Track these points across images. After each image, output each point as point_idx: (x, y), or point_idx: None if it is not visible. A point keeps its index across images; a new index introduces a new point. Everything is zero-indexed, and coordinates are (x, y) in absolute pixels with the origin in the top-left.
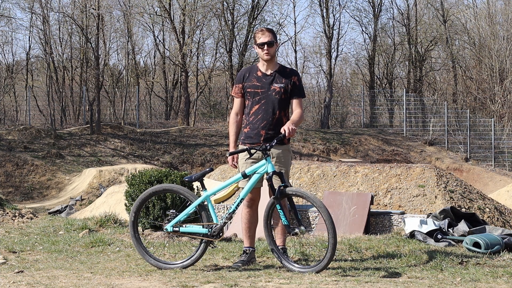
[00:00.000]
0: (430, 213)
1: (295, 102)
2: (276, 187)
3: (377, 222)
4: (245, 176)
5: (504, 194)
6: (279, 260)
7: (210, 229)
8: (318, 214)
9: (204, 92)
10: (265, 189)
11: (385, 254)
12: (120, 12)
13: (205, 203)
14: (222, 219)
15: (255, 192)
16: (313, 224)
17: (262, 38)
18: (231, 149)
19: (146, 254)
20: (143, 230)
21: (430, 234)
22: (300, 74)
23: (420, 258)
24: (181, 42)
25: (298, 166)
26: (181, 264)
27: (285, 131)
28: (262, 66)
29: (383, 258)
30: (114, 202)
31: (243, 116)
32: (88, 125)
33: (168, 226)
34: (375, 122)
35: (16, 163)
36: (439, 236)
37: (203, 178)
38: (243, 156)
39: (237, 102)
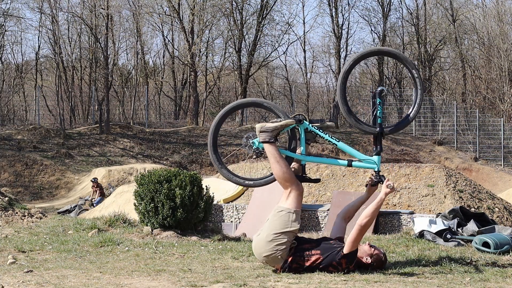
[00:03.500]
0: (439, 213)
1: None
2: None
3: (386, 221)
4: None
5: None
6: None
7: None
8: (326, 214)
9: (213, 91)
10: (269, 189)
11: (394, 254)
12: (129, 11)
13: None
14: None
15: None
16: (322, 224)
17: None
18: None
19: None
20: (152, 230)
21: (439, 233)
22: (309, 73)
23: (429, 258)
24: (190, 41)
25: (307, 166)
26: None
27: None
28: None
29: (392, 258)
30: (123, 202)
31: None
32: (97, 125)
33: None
34: (384, 121)
35: (26, 163)
36: (448, 236)
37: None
38: None
39: None
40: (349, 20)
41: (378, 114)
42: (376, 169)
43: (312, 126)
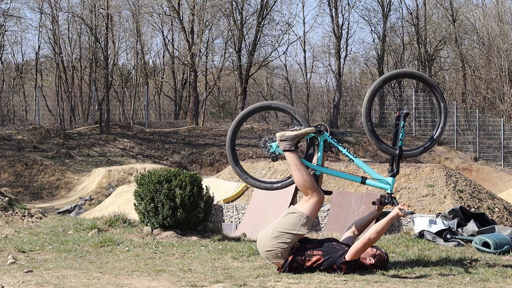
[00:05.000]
0: (439, 213)
1: None
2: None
3: None
4: None
5: None
6: None
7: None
8: (326, 214)
9: (213, 91)
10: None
11: (394, 254)
12: (129, 12)
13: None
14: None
15: None
16: (322, 224)
17: None
18: None
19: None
20: (152, 230)
21: (439, 234)
22: (309, 73)
23: (429, 258)
24: (190, 41)
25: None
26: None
27: None
28: None
29: (392, 258)
30: (123, 202)
31: None
32: (97, 125)
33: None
34: (384, 122)
35: (26, 163)
36: (448, 236)
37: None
38: None
39: None
40: (349, 20)
41: (400, 137)
42: (389, 191)
43: (332, 138)
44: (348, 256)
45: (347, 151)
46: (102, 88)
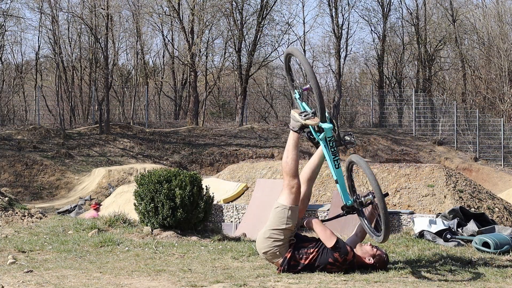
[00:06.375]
0: (439, 213)
1: None
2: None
3: None
4: None
5: None
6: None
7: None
8: (326, 214)
9: (213, 91)
10: (269, 189)
11: (394, 254)
12: (129, 12)
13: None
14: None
15: None
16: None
17: None
18: None
19: None
20: (152, 230)
21: (439, 234)
22: None
23: (429, 258)
24: (190, 41)
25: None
26: None
27: None
28: None
29: (392, 258)
30: (123, 202)
31: None
32: (97, 125)
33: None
34: (384, 122)
35: (26, 163)
36: (448, 236)
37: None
38: None
39: None
40: (349, 20)
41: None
42: (345, 203)
43: (329, 141)
44: (328, 245)
45: (332, 158)
46: (102, 88)
